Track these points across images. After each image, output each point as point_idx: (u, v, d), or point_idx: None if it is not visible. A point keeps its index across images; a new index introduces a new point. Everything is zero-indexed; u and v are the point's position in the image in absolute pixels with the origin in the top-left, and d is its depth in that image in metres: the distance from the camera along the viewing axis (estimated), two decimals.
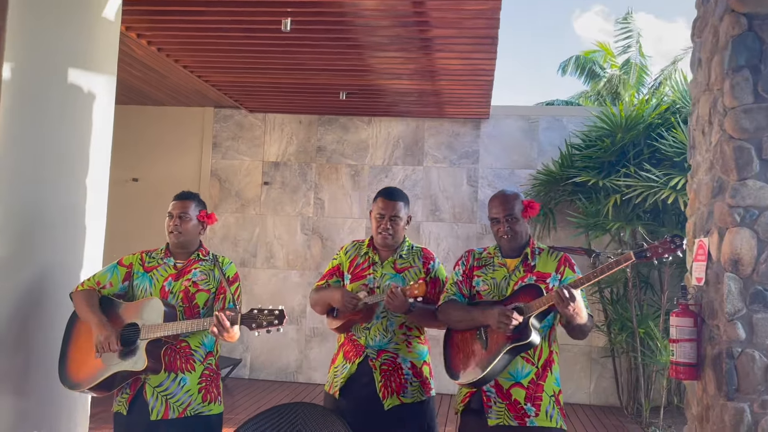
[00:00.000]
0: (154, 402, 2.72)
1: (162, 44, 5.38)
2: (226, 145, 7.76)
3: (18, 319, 2.92)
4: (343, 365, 2.99)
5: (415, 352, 2.97)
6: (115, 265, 2.94)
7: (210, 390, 2.83)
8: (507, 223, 2.71)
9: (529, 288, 2.61)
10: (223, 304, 2.86)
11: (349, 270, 3.07)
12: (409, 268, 2.98)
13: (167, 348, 2.75)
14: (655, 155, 6.27)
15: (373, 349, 2.92)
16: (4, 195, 2.80)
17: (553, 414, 2.61)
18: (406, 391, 2.90)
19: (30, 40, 2.94)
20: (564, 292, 2.41)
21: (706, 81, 3.17)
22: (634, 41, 14.32)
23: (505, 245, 2.77)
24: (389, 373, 2.90)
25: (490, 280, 2.75)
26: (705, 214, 3.10)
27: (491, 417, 2.59)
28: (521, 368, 2.61)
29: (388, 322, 2.93)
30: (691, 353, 3.02)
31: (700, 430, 3.06)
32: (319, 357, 7.41)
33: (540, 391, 2.61)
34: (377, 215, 2.99)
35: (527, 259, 2.72)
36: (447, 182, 7.38)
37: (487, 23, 4.56)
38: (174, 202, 2.95)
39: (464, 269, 2.83)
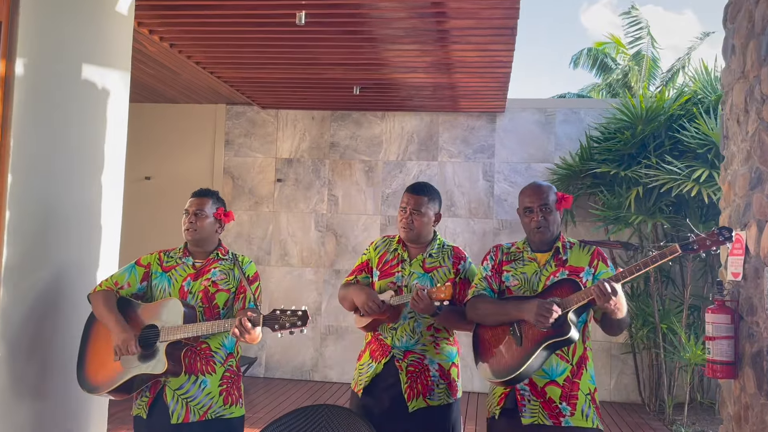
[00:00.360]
0: (174, 405, 2.65)
1: (175, 40, 5.31)
2: (238, 142, 7.68)
3: (34, 320, 2.85)
4: (369, 364, 2.93)
5: (443, 353, 2.89)
6: (133, 265, 2.87)
7: (231, 392, 2.76)
8: (541, 213, 2.57)
9: (564, 282, 2.49)
10: (244, 304, 2.79)
11: (378, 266, 3.00)
12: (438, 267, 2.90)
13: (187, 350, 2.68)
14: (677, 147, 6.14)
15: (400, 349, 2.85)
16: (18, 193, 2.72)
17: (589, 413, 2.50)
18: (433, 393, 2.82)
19: (42, 35, 2.86)
20: (606, 286, 2.29)
21: (741, 68, 3.05)
22: (645, 32, 14.15)
23: (536, 237, 2.62)
24: (416, 374, 2.83)
25: (520, 275, 2.63)
26: (741, 206, 2.98)
27: (525, 416, 2.49)
28: (556, 366, 2.50)
29: (415, 323, 2.86)
30: (729, 351, 2.91)
31: (738, 429, 2.95)
32: (334, 355, 7.33)
33: (575, 389, 2.50)
34: (401, 208, 2.95)
35: (558, 253, 2.61)
36: (462, 177, 7.27)
37: (506, 13, 4.45)
38: (191, 199, 2.88)
39: (493, 264, 2.72)
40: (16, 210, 2.72)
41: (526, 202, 2.62)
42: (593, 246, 2.65)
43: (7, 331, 2.69)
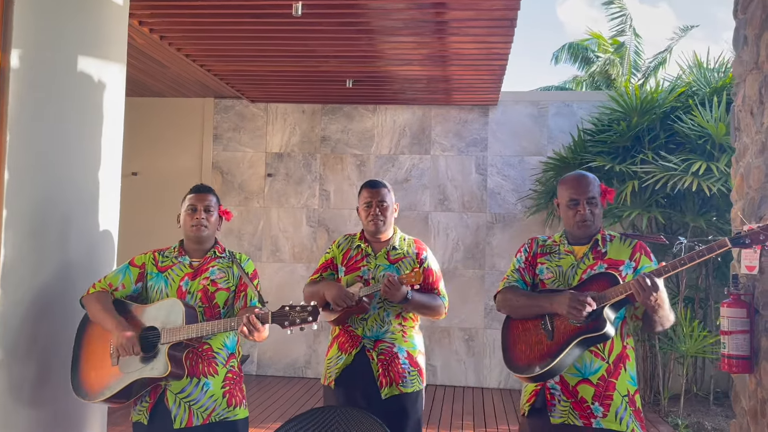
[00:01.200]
0: (176, 410, 2.56)
1: (165, 32, 5.17)
2: (227, 137, 7.54)
3: (33, 323, 2.72)
4: (338, 356, 3.01)
5: (411, 341, 3.01)
6: (127, 266, 2.75)
7: (234, 394, 2.67)
8: (588, 205, 2.44)
9: (601, 276, 2.36)
10: (245, 302, 2.71)
11: (342, 263, 3.10)
12: (403, 258, 3.03)
13: (189, 351, 2.58)
14: (673, 139, 6.13)
15: (370, 339, 2.96)
16: (15, 190, 2.60)
17: (624, 416, 2.35)
18: (405, 380, 2.93)
19: (38, 25, 2.73)
20: (646, 280, 2.16)
21: (754, 59, 3.01)
22: (627, 25, 14.21)
23: (580, 231, 2.49)
24: (387, 362, 2.93)
25: (555, 268, 2.52)
26: (757, 198, 2.95)
27: (554, 416, 2.38)
28: (590, 363, 2.37)
29: (384, 313, 2.97)
30: (744, 345, 2.89)
31: (754, 424, 2.92)
32: None
33: (611, 389, 2.36)
34: (364, 205, 3.05)
35: (597, 246, 2.48)
36: (455, 171, 7.21)
37: (507, 4, 4.38)
38: (195, 194, 2.78)
39: (527, 256, 2.63)
40: (13, 208, 2.59)
41: (572, 194, 2.48)
42: (635, 239, 2.52)
43: (5, 335, 2.57)
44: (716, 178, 5.58)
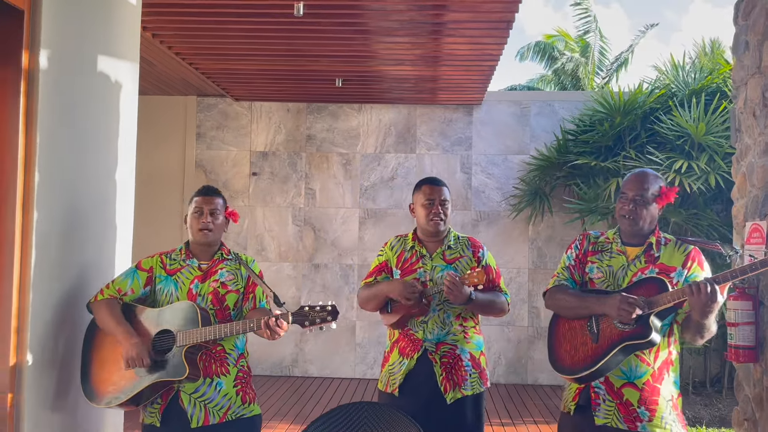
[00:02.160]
0: (192, 409, 2.57)
1: (158, 30, 5.11)
2: (210, 135, 7.48)
3: (60, 326, 2.69)
4: (400, 362, 2.93)
5: (473, 342, 2.95)
6: (135, 270, 2.73)
7: (247, 391, 2.70)
8: (633, 203, 2.43)
9: (650, 281, 2.34)
10: (254, 304, 2.73)
11: (397, 265, 3.01)
12: (460, 258, 2.96)
13: (202, 353, 2.60)
14: (654, 139, 6.34)
15: (432, 342, 2.87)
16: (44, 193, 2.57)
17: (669, 420, 2.35)
18: (466, 383, 2.86)
19: (63, 24, 2.70)
20: (707, 287, 2.13)
21: (757, 64, 3.16)
22: (593, 26, 14.54)
23: (624, 226, 2.48)
24: (450, 365, 2.86)
25: (605, 268, 2.50)
26: (760, 197, 3.11)
27: (599, 416, 2.38)
28: (636, 367, 2.36)
29: (445, 314, 2.90)
30: (751, 336, 3.04)
31: (759, 411, 3.08)
32: (314, 350, 7.27)
33: (656, 394, 2.35)
34: (426, 202, 2.93)
35: (651, 249, 2.46)
36: (441, 169, 7.30)
37: (505, 7, 4.48)
38: (201, 197, 2.74)
39: (577, 253, 2.60)
40: (42, 210, 2.56)
41: (624, 188, 2.50)
42: (691, 246, 2.48)
43: (36, 339, 2.54)
44: (696, 175, 5.81)
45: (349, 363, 7.28)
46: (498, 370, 7.14)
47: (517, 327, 7.10)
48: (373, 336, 7.26)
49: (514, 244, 7.21)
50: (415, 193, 3.02)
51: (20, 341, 2.48)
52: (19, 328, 2.47)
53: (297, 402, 6.09)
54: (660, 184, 2.48)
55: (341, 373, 7.27)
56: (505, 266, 7.15)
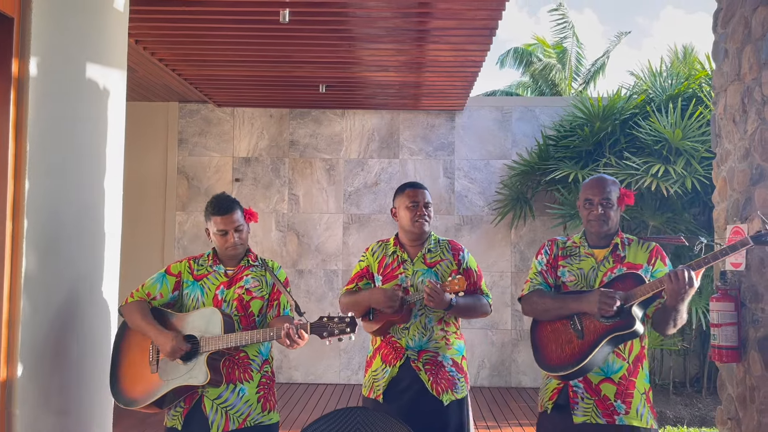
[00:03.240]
0: (213, 415, 2.60)
1: (141, 36, 5.09)
2: (193, 141, 7.45)
3: (53, 332, 2.68)
4: (383, 369, 2.95)
5: (454, 348, 2.98)
6: (164, 275, 2.77)
7: (268, 398, 2.73)
8: (601, 206, 2.55)
9: (627, 277, 2.46)
10: (278, 311, 2.75)
11: (379, 271, 3.03)
12: (440, 261, 2.97)
13: (225, 359, 2.61)
14: (633, 144, 6.45)
15: (414, 350, 2.90)
16: (34, 200, 2.55)
17: (644, 413, 2.48)
18: (457, 387, 2.90)
19: (52, 32, 2.69)
20: (684, 273, 2.25)
21: (736, 71, 3.25)
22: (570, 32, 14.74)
23: (594, 230, 2.59)
24: (434, 372, 2.89)
25: (576, 271, 2.61)
26: (741, 200, 3.19)
27: (577, 414, 2.47)
28: (612, 363, 2.47)
29: (426, 320, 2.91)
30: (733, 336, 3.11)
31: (743, 410, 3.16)
32: (299, 356, 7.26)
33: (631, 387, 2.47)
34: (410, 204, 2.96)
35: (617, 250, 2.58)
36: (424, 174, 7.35)
37: (488, 14, 4.54)
38: (221, 217, 2.70)
39: (548, 258, 2.70)
40: (32, 218, 2.55)
41: (588, 194, 2.60)
42: (653, 243, 2.61)
43: (28, 345, 2.52)
44: (673, 179, 5.92)
45: (333, 369, 7.28)
46: (482, 373, 7.19)
47: (501, 330, 7.16)
48: (358, 341, 7.27)
49: (496, 248, 7.28)
50: (398, 196, 3.03)
51: (11, 351, 2.46)
52: (9, 337, 2.46)
53: (283, 408, 6.07)
54: (618, 188, 2.63)
55: (326, 378, 7.27)
56: (488, 270, 7.21)
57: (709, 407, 6.19)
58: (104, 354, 2.98)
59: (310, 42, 5.08)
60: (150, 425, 5.31)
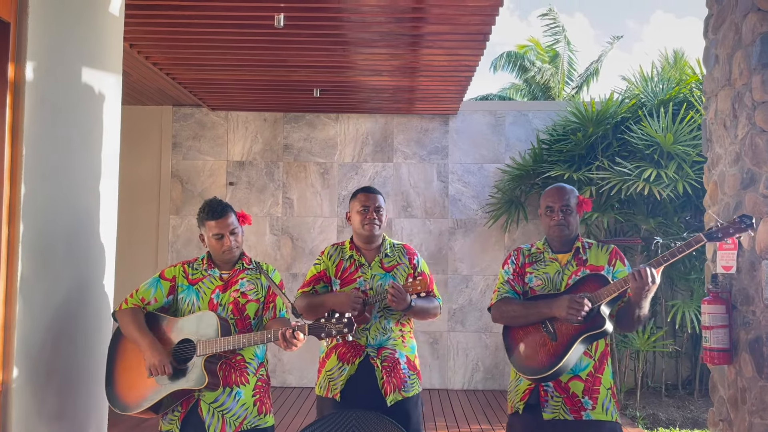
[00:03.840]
0: (210, 419, 2.60)
1: (136, 40, 5.10)
2: (187, 145, 7.45)
3: (49, 338, 2.68)
4: (340, 367, 3.00)
5: (408, 346, 3.08)
6: (158, 279, 2.77)
7: (264, 401, 2.74)
8: (562, 213, 2.69)
9: (592, 278, 2.58)
10: (274, 313, 2.77)
11: (336, 275, 3.07)
12: (397, 265, 3.06)
13: (222, 362, 2.62)
14: (625, 148, 6.50)
15: (374, 347, 2.97)
16: (30, 204, 2.56)
17: (609, 407, 2.61)
18: (406, 384, 3.00)
19: (48, 36, 2.70)
20: (647, 270, 2.39)
21: (726, 76, 3.29)
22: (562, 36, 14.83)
23: (556, 236, 2.72)
24: (390, 368, 2.97)
25: (542, 275, 2.73)
26: (732, 204, 3.23)
27: (546, 411, 2.59)
28: (580, 362, 2.59)
29: (385, 320, 3.00)
30: (725, 339, 3.15)
31: (734, 411, 3.19)
32: (292, 359, 7.26)
33: (598, 384, 2.60)
34: (360, 209, 3.04)
35: (579, 253, 2.72)
36: (418, 178, 7.38)
37: (483, 20, 4.57)
38: (215, 222, 2.73)
39: (515, 267, 2.81)
40: (28, 223, 2.55)
41: (548, 202, 2.74)
42: (611, 245, 2.76)
43: (23, 349, 2.52)
44: (665, 183, 5.97)
45: None
46: (476, 376, 7.22)
47: (495, 334, 7.18)
48: None
49: (490, 252, 7.30)
50: (351, 201, 3.12)
51: (6, 355, 2.46)
52: (5, 341, 2.46)
53: (277, 412, 6.07)
54: (576, 195, 2.76)
55: None
56: (482, 273, 7.24)
57: (701, 409, 6.23)
58: (99, 359, 2.98)
59: (305, 46, 5.09)
60: (144, 430, 5.30)
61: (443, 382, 7.23)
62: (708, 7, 3.55)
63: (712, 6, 3.49)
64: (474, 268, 7.29)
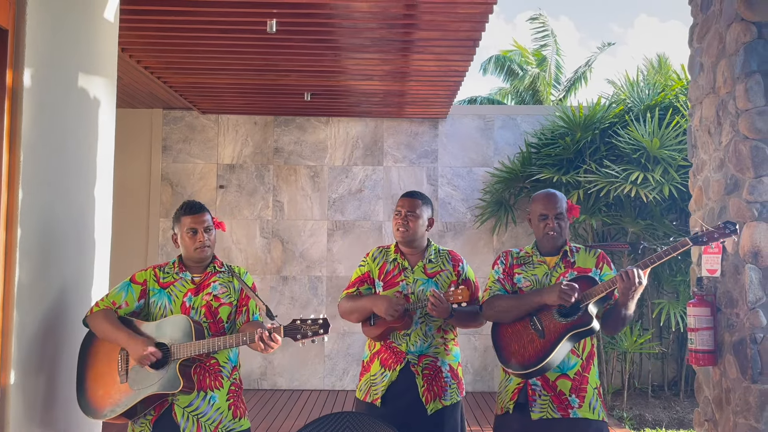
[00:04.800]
0: (185, 423, 2.60)
1: (127, 44, 5.11)
2: (177, 148, 7.45)
3: (43, 344, 2.70)
4: (382, 373, 2.98)
5: (452, 354, 3.04)
6: (129, 283, 2.76)
7: (238, 405, 2.74)
8: (556, 219, 2.74)
9: (581, 279, 2.63)
10: (247, 317, 2.77)
11: (379, 277, 3.07)
12: (441, 272, 3.03)
13: (196, 366, 2.63)
14: (613, 152, 6.59)
15: (414, 354, 2.94)
16: (27, 210, 2.58)
17: (596, 406, 2.65)
18: (446, 393, 2.95)
19: (45, 43, 2.72)
20: (634, 272, 2.45)
21: (711, 84, 3.37)
22: (551, 39, 14.95)
23: (549, 242, 2.78)
24: (431, 377, 2.94)
25: (531, 277, 2.78)
26: (716, 209, 3.31)
27: (534, 411, 2.63)
28: (567, 360, 2.64)
29: (426, 327, 2.96)
30: (710, 340, 3.22)
31: (719, 411, 3.26)
32: (283, 362, 7.28)
33: (585, 383, 2.65)
34: (395, 213, 3.06)
35: (567, 256, 2.77)
36: (408, 182, 7.43)
37: (474, 26, 4.63)
38: (190, 216, 2.76)
39: (504, 267, 2.87)
40: (26, 228, 2.58)
41: (541, 209, 2.77)
42: (599, 250, 2.82)
43: (20, 357, 2.54)
44: (652, 186, 6.06)
45: (318, 375, 7.32)
46: (465, 378, 7.23)
47: (483, 335, 7.25)
48: (342, 347, 7.32)
49: (479, 254, 7.37)
50: None
51: (5, 359, 2.48)
52: (2, 346, 2.48)
53: (267, 415, 6.09)
54: (566, 200, 2.82)
55: (310, 385, 7.30)
56: None
57: (686, 410, 6.33)
58: None
59: (297, 51, 5.13)
60: None
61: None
62: (693, 16, 3.64)
63: (697, 15, 3.57)
64: None
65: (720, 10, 3.28)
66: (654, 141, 6.14)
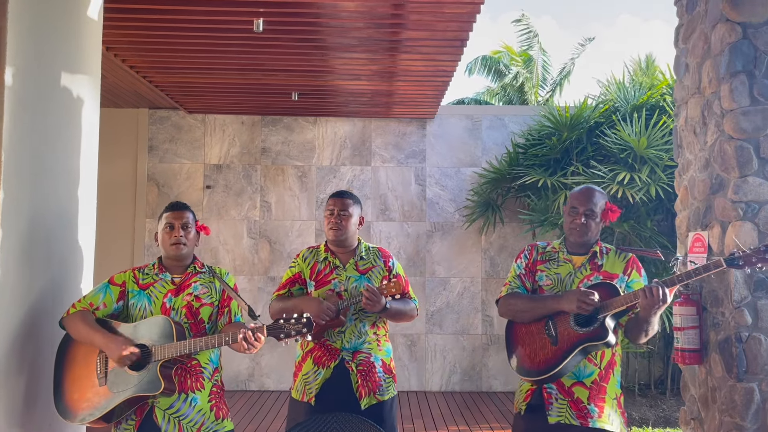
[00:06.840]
0: (166, 425, 2.57)
1: (112, 43, 5.07)
2: (163, 148, 7.40)
3: (24, 346, 2.67)
4: (316, 371, 3.00)
5: (384, 349, 3.09)
6: (107, 285, 2.72)
7: (220, 407, 2.72)
8: (585, 216, 2.61)
9: (602, 286, 2.52)
10: (229, 317, 2.74)
11: (311, 277, 3.07)
12: (372, 268, 3.08)
13: (177, 367, 2.60)
14: (600, 152, 6.62)
15: (349, 351, 2.98)
16: (9, 210, 2.54)
17: (615, 419, 2.53)
18: (382, 388, 2.99)
19: (27, 41, 2.69)
20: (659, 290, 2.33)
21: (696, 84, 3.39)
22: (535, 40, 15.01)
23: (574, 238, 2.66)
24: (365, 372, 2.98)
25: (554, 275, 2.67)
26: (701, 208, 3.32)
27: (552, 415, 2.52)
28: (584, 368, 2.53)
29: (360, 323, 3.01)
30: (695, 339, 3.24)
31: (705, 410, 3.28)
32: (270, 363, 7.25)
33: (603, 392, 2.53)
34: (327, 213, 3.10)
35: (595, 258, 2.65)
36: (396, 182, 7.43)
37: (461, 26, 4.63)
38: (171, 213, 2.75)
39: (527, 262, 2.76)
40: (7, 228, 2.54)
41: (574, 203, 2.67)
42: (630, 254, 2.68)
43: (3, 355, 2.51)
44: (638, 187, 6.09)
45: None
46: (453, 378, 7.28)
47: (472, 335, 7.26)
48: None
49: (467, 255, 7.38)
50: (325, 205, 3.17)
51: None
52: None
53: (255, 416, 6.06)
54: (605, 200, 2.68)
55: None
56: (459, 276, 7.31)
57: (673, 408, 6.37)
58: None
59: (284, 51, 5.11)
60: None
61: (421, 384, 7.28)
62: (678, 17, 3.65)
63: (683, 16, 3.59)
64: (451, 271, 7.36)
65: (705, 10, 3.29)
66: (641, 141, 6.16)
